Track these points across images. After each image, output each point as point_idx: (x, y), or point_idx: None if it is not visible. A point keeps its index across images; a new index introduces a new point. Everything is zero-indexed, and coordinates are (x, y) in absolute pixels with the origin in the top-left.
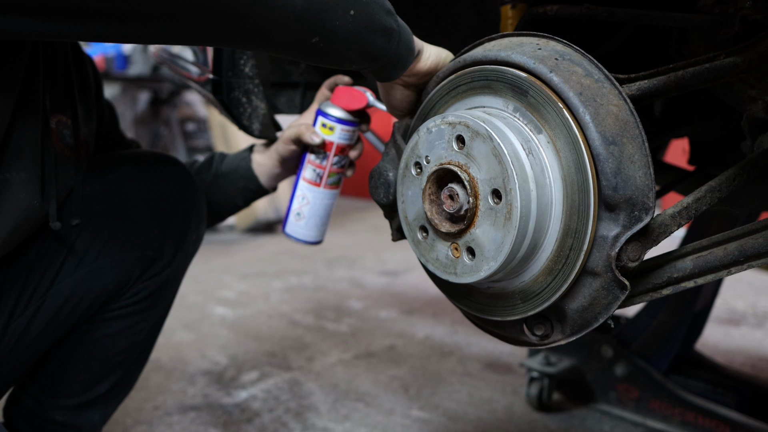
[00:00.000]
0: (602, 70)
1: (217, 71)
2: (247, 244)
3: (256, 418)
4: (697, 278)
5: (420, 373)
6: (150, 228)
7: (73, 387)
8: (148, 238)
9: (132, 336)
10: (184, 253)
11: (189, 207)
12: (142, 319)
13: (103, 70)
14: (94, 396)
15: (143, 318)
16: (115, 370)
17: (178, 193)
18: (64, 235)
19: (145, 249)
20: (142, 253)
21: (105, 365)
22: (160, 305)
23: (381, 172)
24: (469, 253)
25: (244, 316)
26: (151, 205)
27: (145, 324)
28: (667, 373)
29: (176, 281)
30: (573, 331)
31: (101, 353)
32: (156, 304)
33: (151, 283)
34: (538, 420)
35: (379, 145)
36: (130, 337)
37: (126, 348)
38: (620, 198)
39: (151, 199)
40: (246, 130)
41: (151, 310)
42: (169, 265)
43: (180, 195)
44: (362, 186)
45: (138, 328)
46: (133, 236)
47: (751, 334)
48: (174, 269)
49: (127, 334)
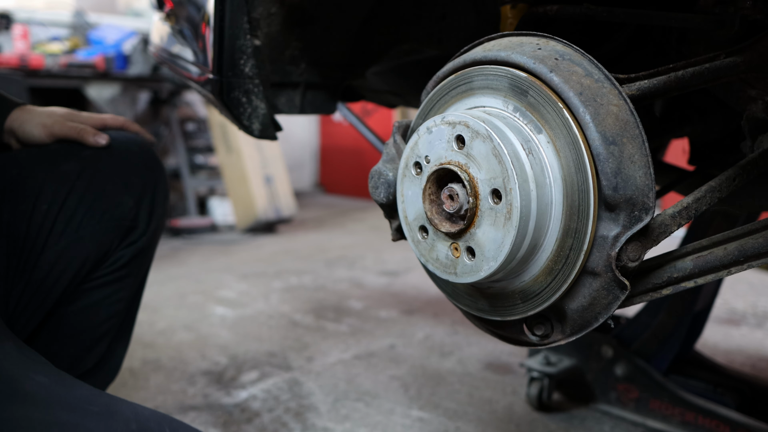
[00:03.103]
0: (602, 70)
1: (217, 71)
2: (247, 244)
3: (256, 418)
4: (697, 278)
5: (420, 373)
6: (125, 200)
7: (61, 364)
8: (124, 210)
9: (112, 305)
10: (155, 224)
11: (156, 180)
12: (120, 288)
13: (103, 70)
14: (82, 372)
15: (121, 287)
16: (99, 342)
17: (147, 169)
18: (48, 210)
19: (122, 219)
20: (120, 223)
21: (90, 337)
22: (135, 274)
23: (381, 172)
24: (469, 253)
25: (244, 316)
26: (125, 180)
27: (123, 293)
28: (667, 373)
29: (150, 251)
30: (573, 331)
31: (85, 324)
32: (132, 273)
33: (128, 251)
34: (538, 420)
35: (379, 145)
36: (110, 306)
37: (108, 318)
38: (620, 198)
39: (124, 173)
40: (246, 130)
41: (129, 279)
42: (144, 234)
43: (148, 170)
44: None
45: (117, 297)
46: (110, 208)
47: (751, 334)
48: (148, 239)
49: (107, 303)
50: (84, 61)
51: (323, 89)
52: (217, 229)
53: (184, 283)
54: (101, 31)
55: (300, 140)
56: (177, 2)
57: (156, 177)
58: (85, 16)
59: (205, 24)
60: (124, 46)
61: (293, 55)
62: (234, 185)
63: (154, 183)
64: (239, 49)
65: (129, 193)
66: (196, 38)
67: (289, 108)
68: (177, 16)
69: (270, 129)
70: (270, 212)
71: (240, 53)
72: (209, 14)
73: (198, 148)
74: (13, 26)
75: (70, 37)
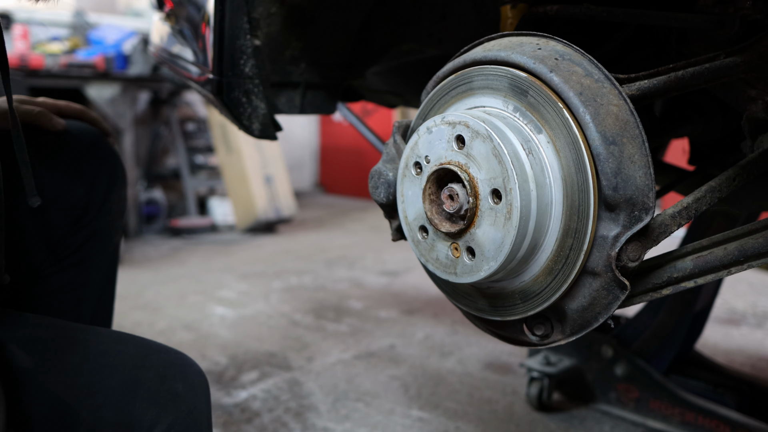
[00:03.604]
0: (602, 70)
1: (217, 71)
2: (247, 244)
3: (256, 418)
4: (697, 278)
5: (420, 373)
6: (75, 188)
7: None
8: (74, 199)
9: (75, 290)
10: (108, 208)
11: (111, 169)
12: (81, 271)
13: (103, 70)
14: None
15: (81, 270)
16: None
17: (98, 158)
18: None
19: (72, 208)
20: (69, 212)
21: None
22: (95, 258)
23: (381, 172)
24: (469, 253)
25: (244, 316)
26: (75, 168)
27: (85, 276)
28: (667, 373)
29: (106, 235)
30: (573, 331)
31: (51, 312)
32: (91, 255)
33: (80, 235)
34: (538, 420)
35: (379, 145)
36: (74, 291)
37: (74, 305)
38: (620, 198)
39: (75, 163)
40: (246, 130)
41: (88, 262)
42: (95, 218)
43: (100, 159)
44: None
45: (80, 281)
46: (59, 196)
47: (751, 334)
48: (100, 222)
49: (70, 288)
50: (84, 61)
51: (323, 89)
52: (217, 229)
53: (184, 283)
54: (101, 31)
55: (300, 140)
56: (177, 2)
57: (109, 166)
58: (85, 16)
59: (205, 24)
60: (124, 46)
61: (293, 55)
62: (234, 185)
63: (107, 172)
64: (239, 49)
65: (80, 182)
66: (196, 38)
67: (289, 108)
68: (177, 16)
69: (270, 129)
70: (270, 212)
71: (240, 53)
72: (209, 14)
73: (198, 148)
74: (13, 26)
75: (70, 37)
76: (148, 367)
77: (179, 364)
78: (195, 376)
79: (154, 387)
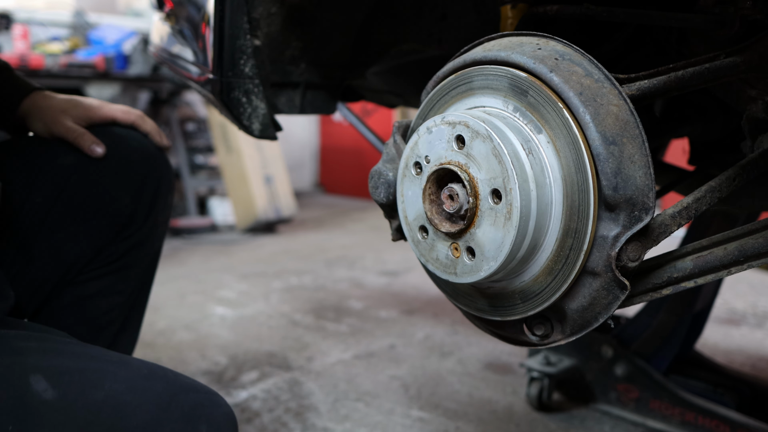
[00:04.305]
0: (602, 70)
1: (217, 71)
2: (247, 244)
3: (256, 418)
4: (697, 278)
5: (420, 373)
6: (121, 197)
7: None
8: (120, 206)
9: (112, 297)
10: (154, 218)
11: (159, 176)
12: (119, 279)
13: (103, 70)
14: None
15: (119, 278)
16: (100, 334)
17: (148, 164)
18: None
19: (117, 216)
20: (114, 220)
21: (90, 328)
22: (135, 266)
23: (381, 172)
24: (469, 253)
25: (244, 316)
26: (123, 175)
27: (122, 285)
28: (667, 373)
29: (148, 245)
30: (573, 331)
31: (85, 316)
32: (130, 264)
33: (123, 245)
34: (538, 420)
35: (379, 145)
36: (109, 297)
37: (108, 310)
38: (620, 198)
39: (123, 169)
40: (246, 130)
41: (127, 271)
42: (140, 229)
43: (150, 165)
44: (362, 186)
45: (116, 288)
46: (105, 204)
47: (751, 334)
48: (144, 232)
49: (106, 293)
50: (84, 61)
51: (323, 89)
52: (217, 229)
53: (184, 283)
54: (101, 31)
55: (300, 140)
56: (177, 2)
57: (158, 173)
58: (85, 16)
59: (205, 24)
60: (124, 46)
61: (293, 55)
62: (234, 185)
63: (155, 179)
64: (239, 49)
65: (125, 191)
66: (196, 38)
67: (289, 108)
68: (177, 16)
69: (270, 129)
70: (270, 212)
71: (240, 53)
72: (209, 14)
73: (198, 148)
74: (13, 26)
75: (70, 37)
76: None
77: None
78: (221, 418)
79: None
